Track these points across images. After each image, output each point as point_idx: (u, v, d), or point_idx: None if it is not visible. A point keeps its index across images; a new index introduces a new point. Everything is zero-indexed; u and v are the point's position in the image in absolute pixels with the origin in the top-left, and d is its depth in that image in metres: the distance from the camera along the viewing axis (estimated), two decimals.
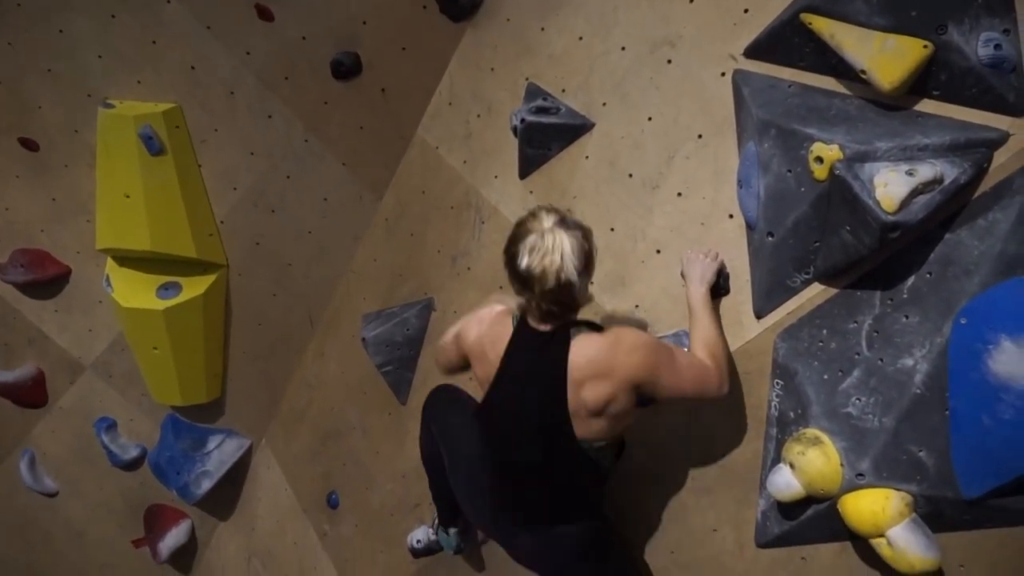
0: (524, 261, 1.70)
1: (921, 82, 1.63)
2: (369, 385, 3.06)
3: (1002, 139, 1.58)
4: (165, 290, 3.11)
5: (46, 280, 3.37)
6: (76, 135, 3.06)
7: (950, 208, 1.61)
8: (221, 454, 3.54)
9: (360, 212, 3.01)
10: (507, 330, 1.90)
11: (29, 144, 3.12)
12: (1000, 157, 1.59)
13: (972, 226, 1.61)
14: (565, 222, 1.72)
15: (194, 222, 3.01)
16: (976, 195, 1.61)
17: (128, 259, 3.14)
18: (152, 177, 2.89)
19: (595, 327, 1.86)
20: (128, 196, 2.91)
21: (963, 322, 1.59)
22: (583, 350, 1.78)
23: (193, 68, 2.87)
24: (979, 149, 1.58)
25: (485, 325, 1.97)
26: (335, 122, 2.88)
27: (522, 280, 1.73)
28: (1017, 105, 1.55)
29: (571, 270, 1.69)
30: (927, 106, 1.67)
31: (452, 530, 2.60)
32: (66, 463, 3.89)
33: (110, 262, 3.18)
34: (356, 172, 2.94)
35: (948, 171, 1.56)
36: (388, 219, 2.97)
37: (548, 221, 1.71)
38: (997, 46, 1.52)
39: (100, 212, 3.02)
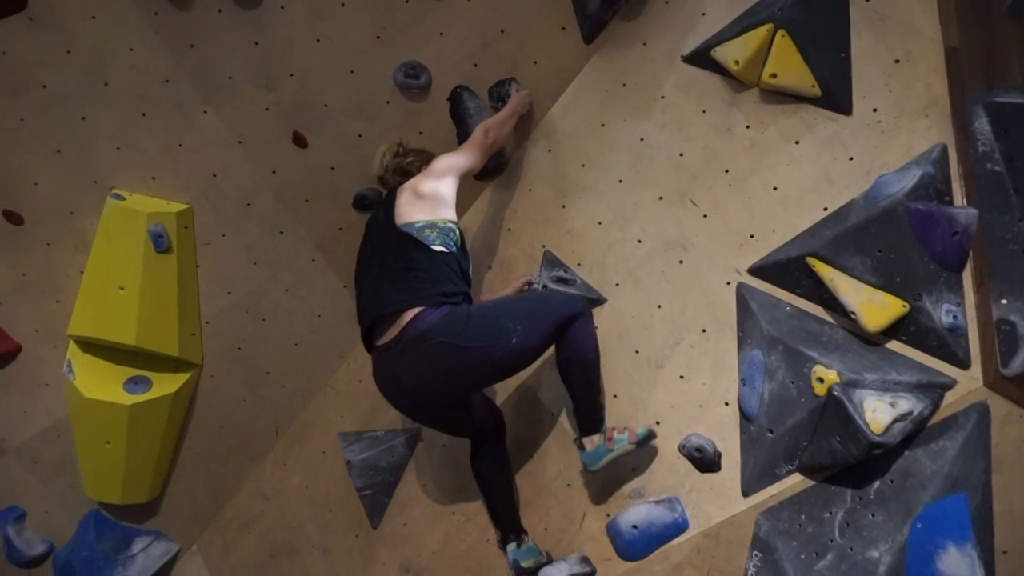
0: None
1: (895, 328, 2.09)
2: (337, 504, 3.07)
3: (951, 384, 2.04)
4: (134, 384, 3.02)
5: None
6: (70, 217, 3.00)
7: (914, 432, 2.04)
8: (146, 559, 3.33)
9: (352, 334, 3.07)
10: None
11: (13, 217, 3.01)
12: (949, 397, 2.05)
13: (927, 448, 2.04)
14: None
15: (182, 322, 2.99)
16: (930, 424, 2.06)
17: (94, 346, 3.04)
18: (152, 274, 2.88)
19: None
20: (122, 288, 2.87)
21: (919, 526, 1.98)
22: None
23: (215, 175, 2.95)
24: (936, 390, 2.04)
25: None
26: (345, 247, 3.02)
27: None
28: (964, 361, 2.03)
29: (387, 159, 2.63)
30: (896, 346, 2.12)
31: (510, 545, 2.54)
32: None
33: (72, 347, 3.05)
34: None
35: (916, 405, 2.00)
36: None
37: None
38: (955, 316, 2.01)
39: (83, 298, 2.94)
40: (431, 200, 2.42)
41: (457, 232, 2.45)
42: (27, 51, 2.82)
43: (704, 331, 2.43)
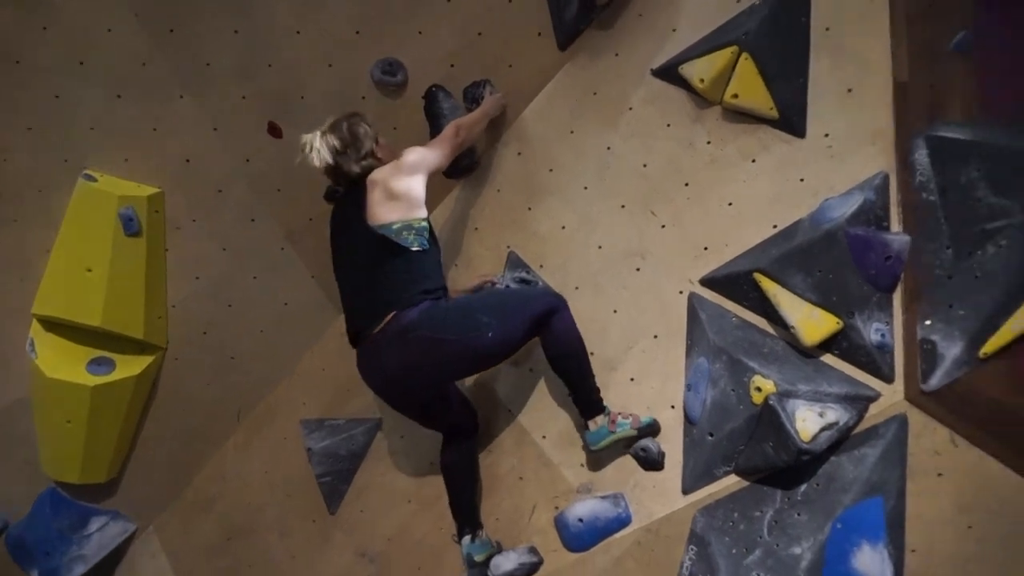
0: (299, 159, 2.54)
1: (829, 342, 2.24)
2: (296, 489, 3.15)
3: (876, 397, 2.20)
4: (97, 365, 3.04)
5: None
6: (39, 194, 3.00)
7: (839, 440, 2.19)
8: (102, 537, 3.35)
9: (318, 322, 3.19)
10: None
11: None
12: (873, 409, 2.20)
13: (850, 455, 2.19)
14: (324, 132, 2.52)
15: (149, 305, 3.02)
16: (854, 432, 2.21)
17: (57, 325, 3.05)
18: (121, 257, 2.91)
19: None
20: (90, 270, 2.89)
21: (839, 527, 2.14)
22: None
23: (188, 161, 2.98)
24: (862, 401, 2.19)
25: None
26: (316, 237, 3.08)
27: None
28: (888, 376, 2.19)
29: (325, 155, 2.50)
30: (829, 359, 2.27)
31: (465, 539, 2.66)
32: None
33: (35, 325, 3.06)
34: (324, 286, 3.13)
35: (842, 416, 2.15)
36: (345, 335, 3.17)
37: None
38: (883, 335, 2.16)
39: (49, 278, 2.94)
40: (404, 200, 2.46)
41: (429, 227, 2.53)
42: (1, 25, 2.81)
43: (656, 337, 2.56)
